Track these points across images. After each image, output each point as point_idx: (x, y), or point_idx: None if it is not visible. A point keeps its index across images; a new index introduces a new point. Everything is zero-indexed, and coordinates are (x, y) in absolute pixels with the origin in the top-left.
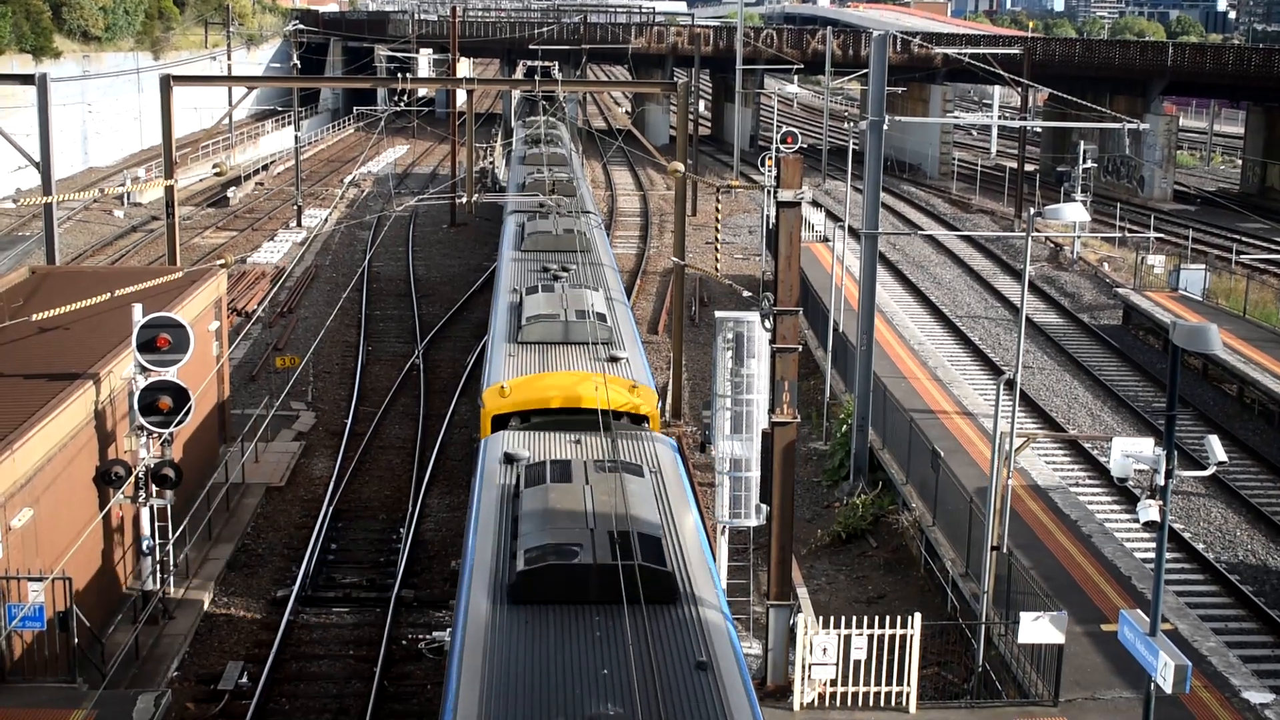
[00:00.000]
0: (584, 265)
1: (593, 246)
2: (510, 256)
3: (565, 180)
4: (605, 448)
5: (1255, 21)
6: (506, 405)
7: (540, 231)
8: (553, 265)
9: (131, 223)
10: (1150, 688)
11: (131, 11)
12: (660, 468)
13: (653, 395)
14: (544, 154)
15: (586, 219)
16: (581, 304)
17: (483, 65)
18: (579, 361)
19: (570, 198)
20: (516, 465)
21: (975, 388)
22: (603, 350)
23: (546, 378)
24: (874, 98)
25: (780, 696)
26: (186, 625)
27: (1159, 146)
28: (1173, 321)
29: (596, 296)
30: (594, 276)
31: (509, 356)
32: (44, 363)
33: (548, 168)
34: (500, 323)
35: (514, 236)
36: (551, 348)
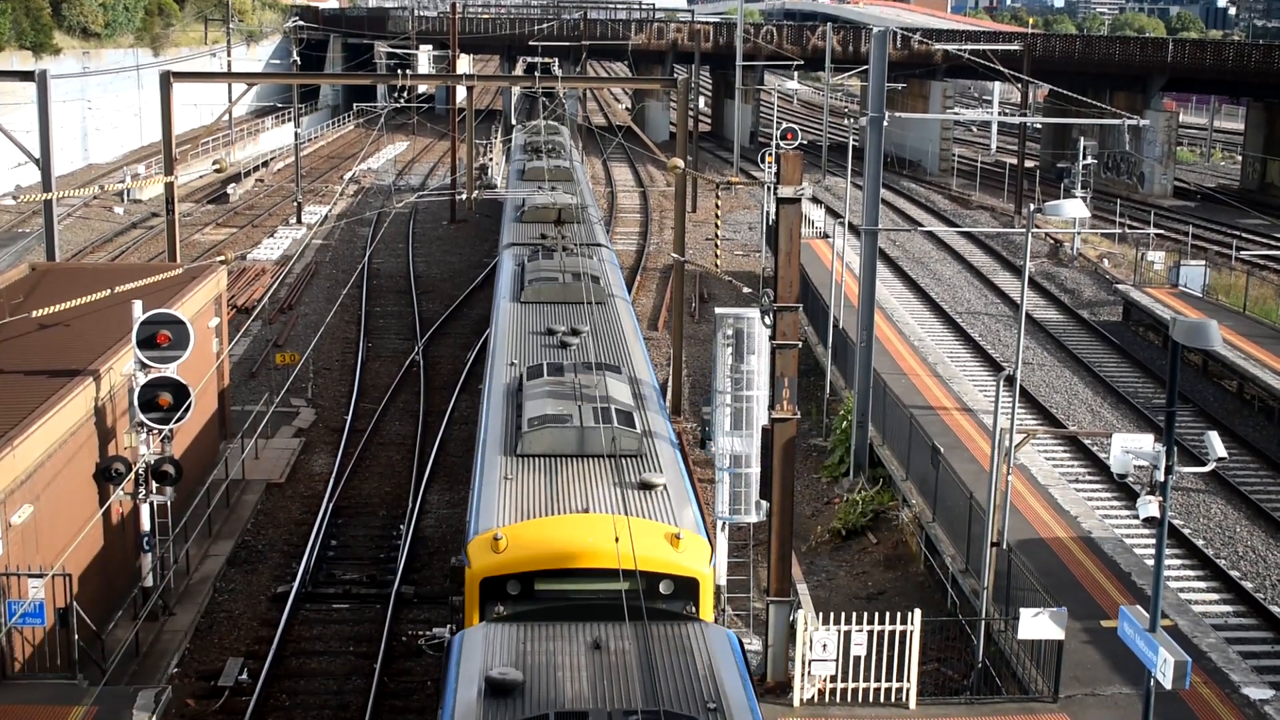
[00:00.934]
0: (599, 326)
1: (608, 296)
2: (506, 310)
3: (572, 206)
4: (636, 661)
5: (1255, 17)
6: (501, 564)
7: (543, 278)
8: (559, 329)
9: (131, 219)
10: (1150, 684)
11: (131, 8)
12: (722, 697)
13: (703, 546)
14: (545, 168)
15: (598, 254)
16: (600, 396)
17: (483, 62)
18: (598, 488)
19: (578, 225)
20: (506, 707)
21: (975, 384)
22: (631, 469)
23: (555, 526)
24: (874, 94)
25: (780, 693)
26: (187, 621)
27: (1159, 143)
28: (1173, 318)
29: (617, 382)
30: (612, 345)
31: (505, 480)
32: (44, 359)
33: (549, 183)
34: (493, 422)
35: (512, 279)
36: (562, 464)
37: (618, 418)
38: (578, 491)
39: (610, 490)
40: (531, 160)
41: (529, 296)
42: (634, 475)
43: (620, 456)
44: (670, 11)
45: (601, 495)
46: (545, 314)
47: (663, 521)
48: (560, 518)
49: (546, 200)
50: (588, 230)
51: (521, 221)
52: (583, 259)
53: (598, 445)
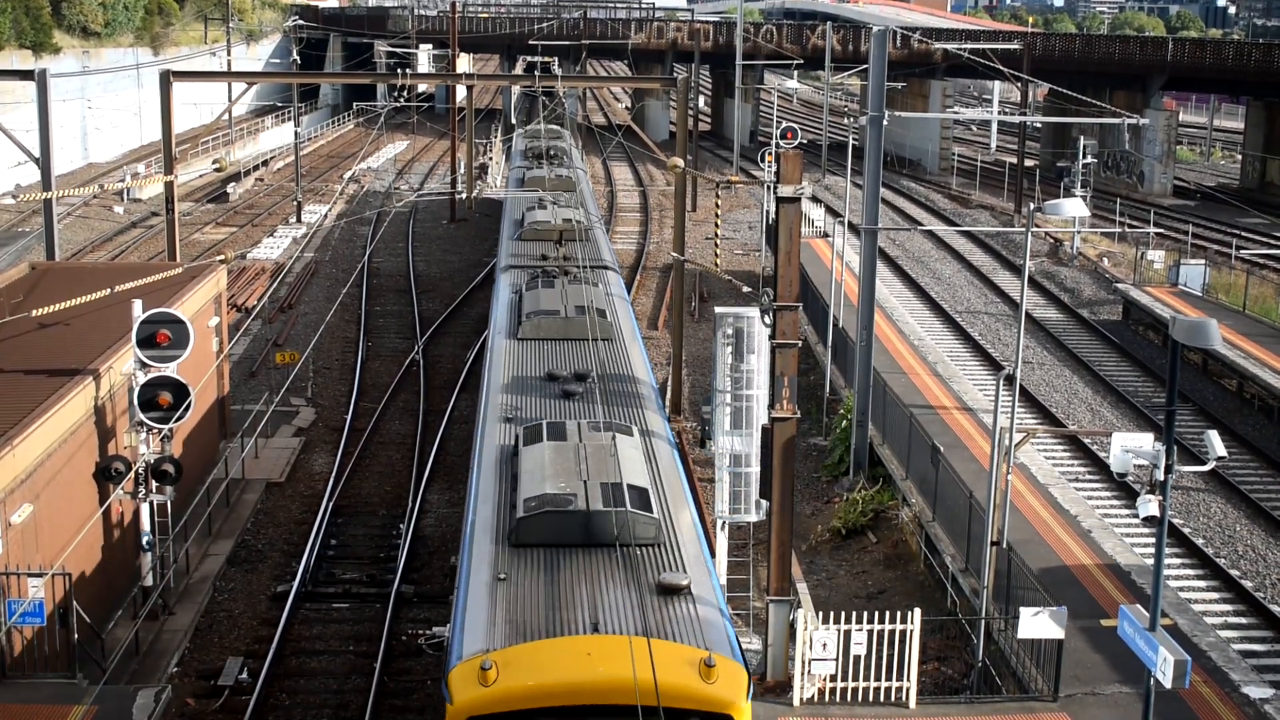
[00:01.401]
0: (606, 369)
1: (616, 332)
2: (502, 350)
3: (575, 223)
4: None
5: (1255, 16)
6: (492, 700)
7: (544, 311)
8: (562, 374)
9: (131, 218)
10: (1150, 683)
11: (131, 7)
12: None
13: (739, 674)
14: (546, 177)
15: (603, 279)
16: (611, 467)
17: (483, 61)
18: (610, 593)
19: (581, 244)
20: None
21: (975, 383)
22: (649, 563)
23: (558, 650)
24: (874, 93)
25: (780, 692)
26: (186, 621)
27: (1159, 142)
28: (1172, 317)
29: (630, 447)
30: (622, 395)
31: (497, 581)
32: (44, 358)
33: (550, 193)
34: (484, 497)
35: (509, 311)
36: (566, 558)
37: (631, 498)
38: (585, 597)
39: (625, 596)
40: (532, 168)
41: (528, 332)
42: (652, 572)
43: (636, 545)
44: (670, 11)
45: (614, 603)
46: (545, 354)
47: (689, 642)
48: (564, 640)
49: (547, 217)
50: (592, 250)
51: (521, 239)
52: (587, 287)
53: (608, 532)
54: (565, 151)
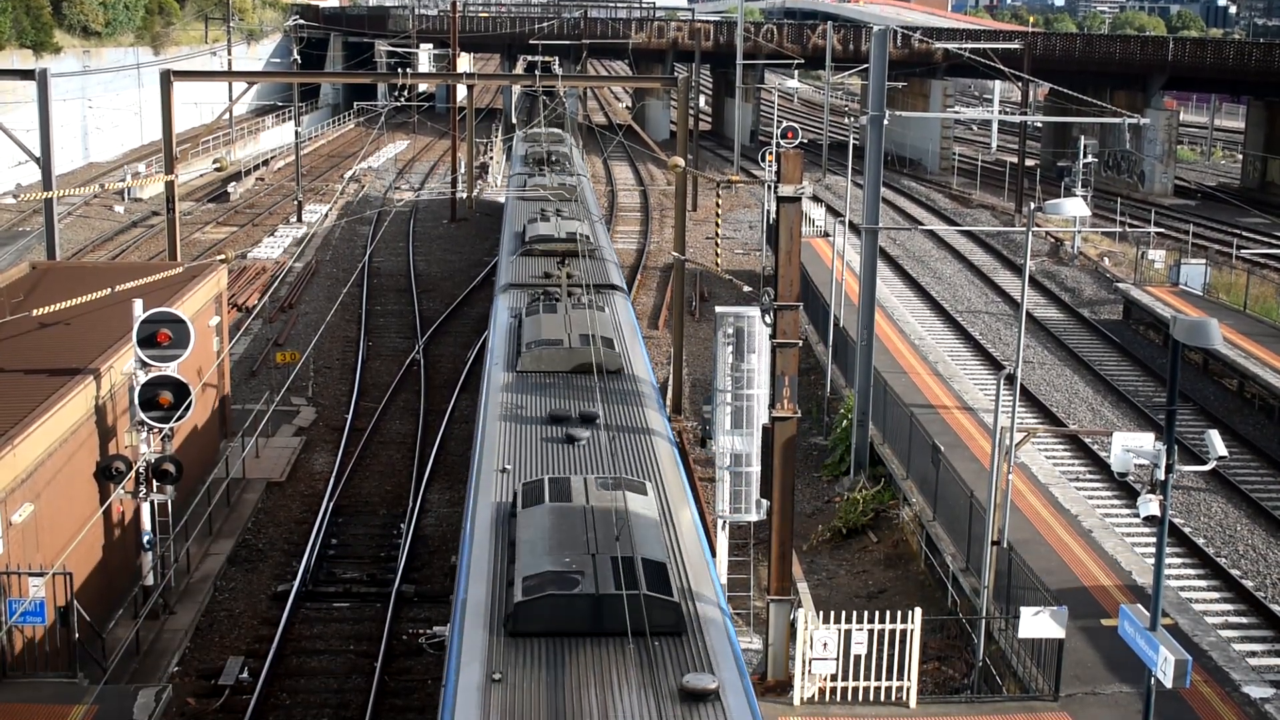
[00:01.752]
0: (615, 409)
1: (625, 365)
2: (499, 384)
3: (579, 238)
4: None
5: (1256, 16)
6: None
7: (546, 340)
8: (565, 416)
9: (132, 218)
10: (1151, 682)
11: (132, 7)
12: None
13: None
14: (549, 184)
15: (610, 302)
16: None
17: (483, 60)
18: (623, 699)
19: (586, 261)
20: None
21: (975, 383)
22: (669, 659)
23: None
24: (874, 93)
25: (781, 691)
26: (187, 620)
27: (1159, 141)
28: (1173, 316)
29: (644, 509)
30: (634, 443)
31: (491, 684)
32: (45, 358)
33: (554, 208)
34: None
35: (507, 339)
36: (571, 650)
37: (647, 577)
38: (594, 705)
39: (642, 703)
40: (533, 174)
41: (528, 365)
42: (675, 671)
43: (653, 636)
44: (670, 10)
45: (629, 713)
46: (548, 390)
47: None
48: None
49: (550, 230)
50: (598, 268)
51: (522, 254)
52: (593, 313)
53: (621, 620)
54: (567, 156)
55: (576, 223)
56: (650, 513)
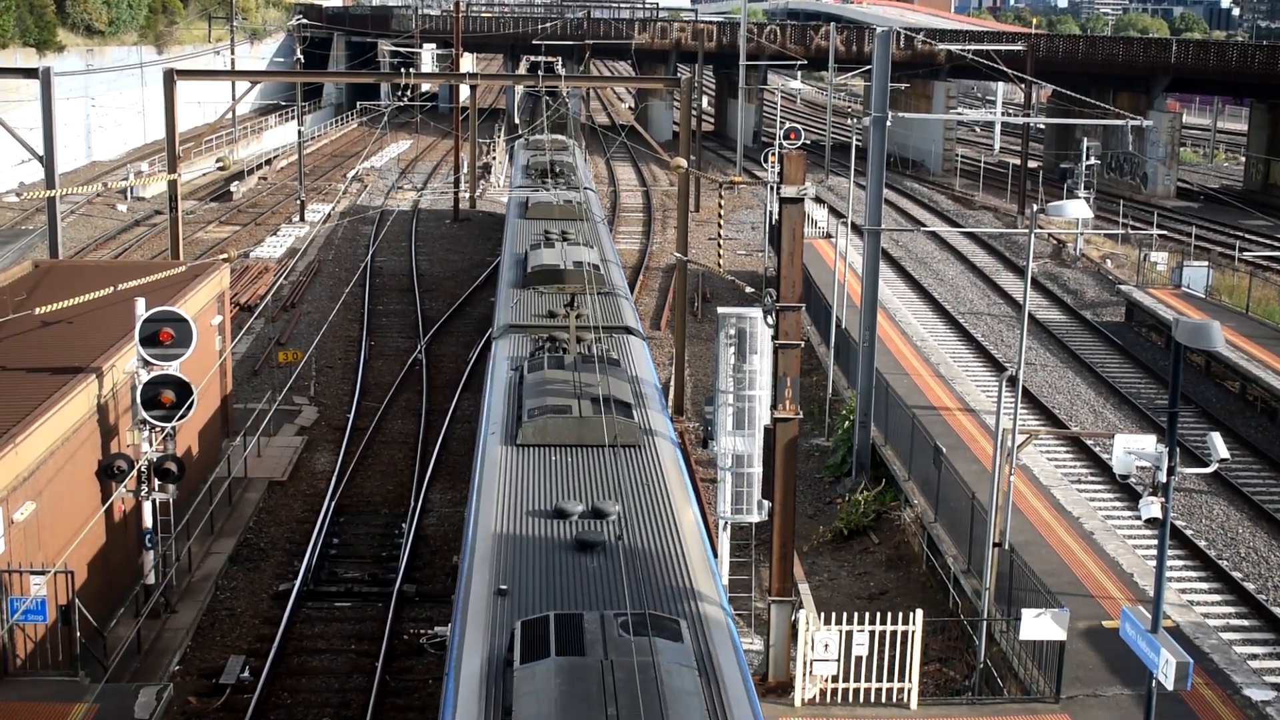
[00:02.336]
0: (635, 496)
1: (644, 436)
2: (495, 463)
3: (589, 272)
4: None
5: (1259, 18)
6: None
7: (552, 408)
8: (573, 511)
9: (135, 217)
10: (1152, 685)
11: (135, 6)
12: None
13: None
14: (554, 204)
15: (625, 350)
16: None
17: (486, 61)
18: None
19: (597, 299)
20: None
21: (977, 384)
22: None
23: None
24: (877, 94)
25: (782, 693)
26: (188, 619)
27: (1162, 143)
28: (1175, 318)
29: (677, 663)
30: (659, 555)
31: None
32: (47, 356)
33: (559, 232)
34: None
35: (505, 401)
36: None
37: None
38: None
39: None
40: (536, 192)
41: (530, 437)
42: None
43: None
44: (674, 11)
45: None
46: (553, 472)
47: None
48: None
49: (555, 260)
50: (609, 306)
51: (524, 287)
52: (606, 369)
53: (635, 710)
54: (572, 167)
55: (584, 250)
56: (688, 673)
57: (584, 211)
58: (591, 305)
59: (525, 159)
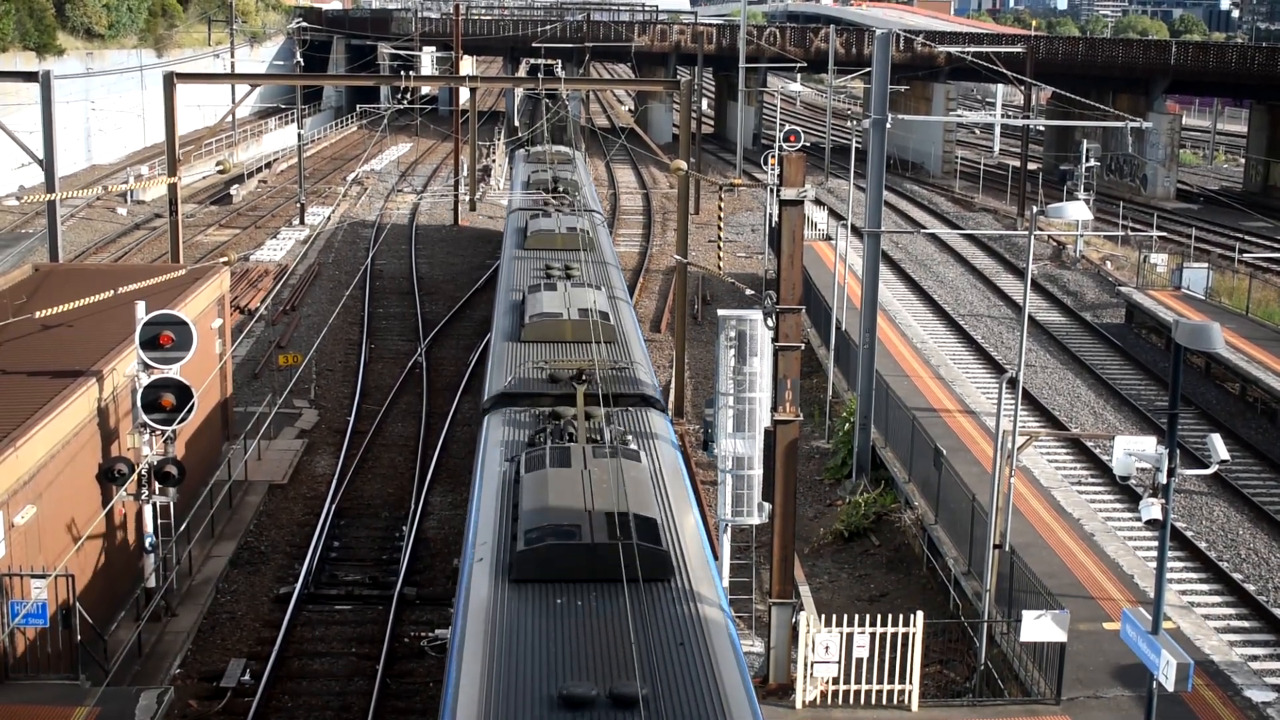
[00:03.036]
0: (669, 677)
1: (676, 562)
2: (485, 605)
3: (595, 316)
4: None
5: (1258, 20)
6: None
7: (555, 527)
8: (587, 700)
9: (135, 220)
10: (1153, 686)
11: (135, 9)
12: None
13: None
14: (557, 232)
15: (644, 429)
16: None
17: (486, 63)
18: None
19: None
20: None
21: (978, 386)
22: None
23: None
24: (877, 96)
25: (783, 695)
26: (189, 622)
27: (1162, 145)
28: (1175, 320)
29: None
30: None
31: None
32: (47, 360)
33: (562, 268)
34: None
35: (497, 510)
36: None
37: None
38: None
39: None
40: (536, 218)
41: (528, 570)
42: None
43: None
44: (673, 13)
45: None
46: (558, 623)
47: None
48: None
49: (558, 305)
50: (624, 368)
51: (521, 341)
52: (622, 468)
53: None
54: (576, 185)
55: (591, 293)
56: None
57: (590, 241)
58: (601, 367)
59: (526, 173)
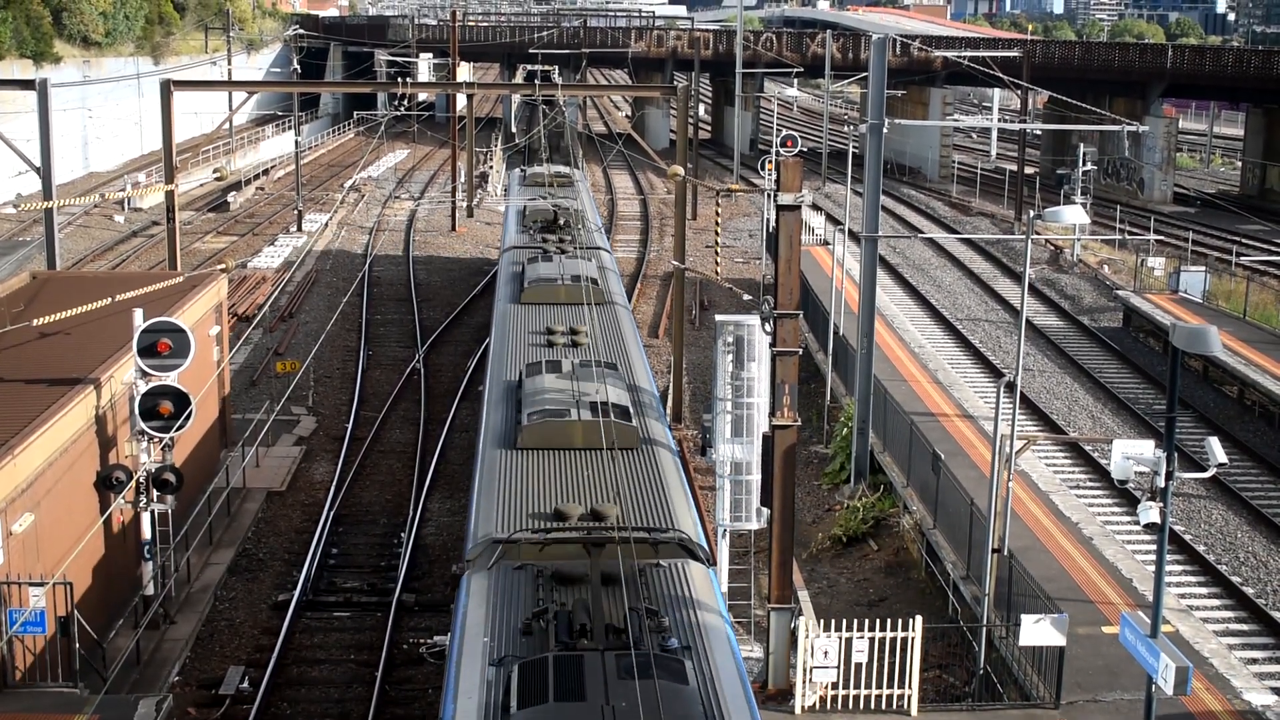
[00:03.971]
0: None
1: None
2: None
3: (604, 398)
4: None
5: (1254, 23)
6: None
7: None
8: None
9: (132, 227)
10: (1151, 689)
11: (132, 16)
12: None
13: None
14: (560, 282)
15: (681, 595)
16: None
17: (483, 69)
18: None
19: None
20: None
21: (976, 390)
22: None
23: None
24: (874, 101)
25: (782, 700)
26: (188, 630)
27: (1158, 149)
28: (1173, 323)
29: None
30: None
31: None
32: (45, 367)
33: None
34: None
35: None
36: None
37: None
38: None
39: None
40: (535, 263)
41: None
42: None
43: None
44: (670, 19)
45: None
46: None
47: None
48: None
49: (562, 399)
50: (653, 494)
51: (516, 447)
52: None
53: None
54: (580, 216)
55: (605, 377)
56: None
57: (599, 293)
58: (622, 496)
59: (522, 203)
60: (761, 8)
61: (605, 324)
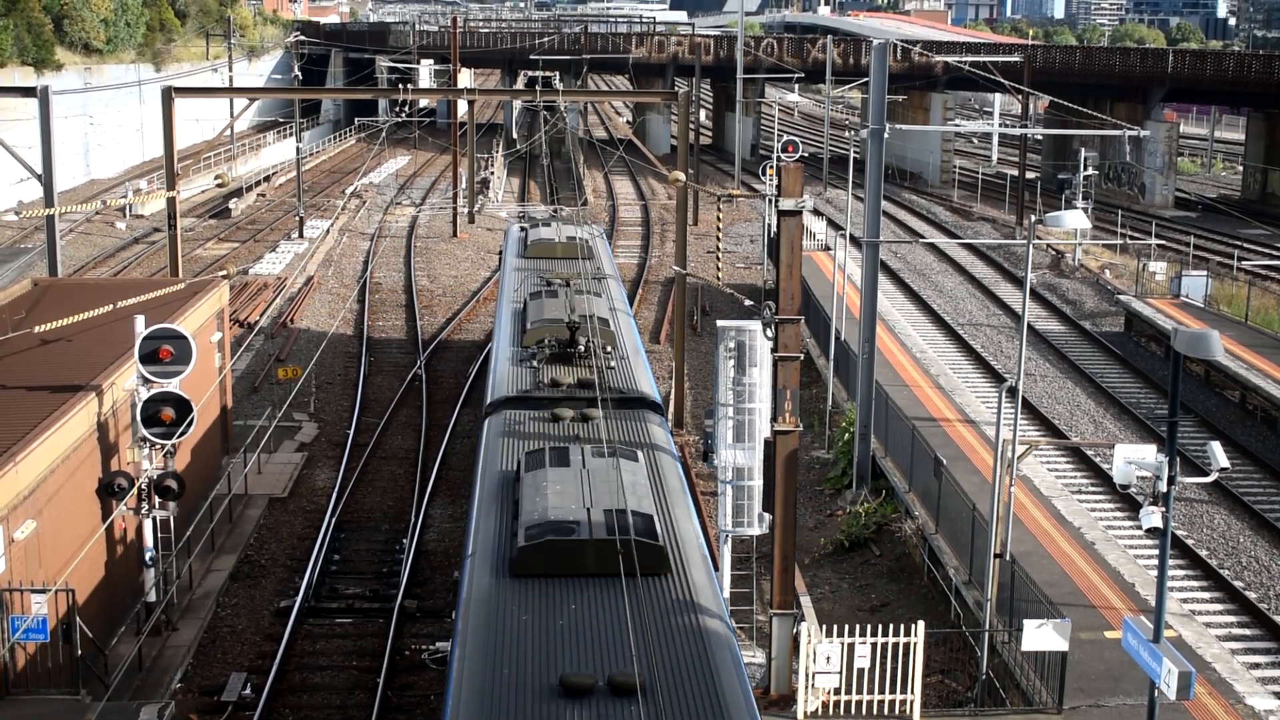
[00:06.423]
0: None
1: None
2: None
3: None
4: None
5: (1255, 28)
6: None
7: None
8: None
9: (133, 234)
10: (1154, 694)
11: (133, 23)
12: None
13: None
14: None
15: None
16: None
17: (484, 75)
18: None
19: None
20: None
21: (977, 395)
22: None
23: None
24: (875, 106)
25: (784, 705)
26: (189, 636)
27: (1160, 153)
28: (1174, 328)
29: None
30: None
31: None
32: (46, 374)
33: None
34: None
35: None
36: None
37: None
38: None
39: None
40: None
41: None
42: None
43: None
44: (671, 24)
45: None
46: None
47: None
48: None
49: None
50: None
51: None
52: None
53: None
54: (606, 326)
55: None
56: None
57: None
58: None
59: (524, 292)
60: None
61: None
